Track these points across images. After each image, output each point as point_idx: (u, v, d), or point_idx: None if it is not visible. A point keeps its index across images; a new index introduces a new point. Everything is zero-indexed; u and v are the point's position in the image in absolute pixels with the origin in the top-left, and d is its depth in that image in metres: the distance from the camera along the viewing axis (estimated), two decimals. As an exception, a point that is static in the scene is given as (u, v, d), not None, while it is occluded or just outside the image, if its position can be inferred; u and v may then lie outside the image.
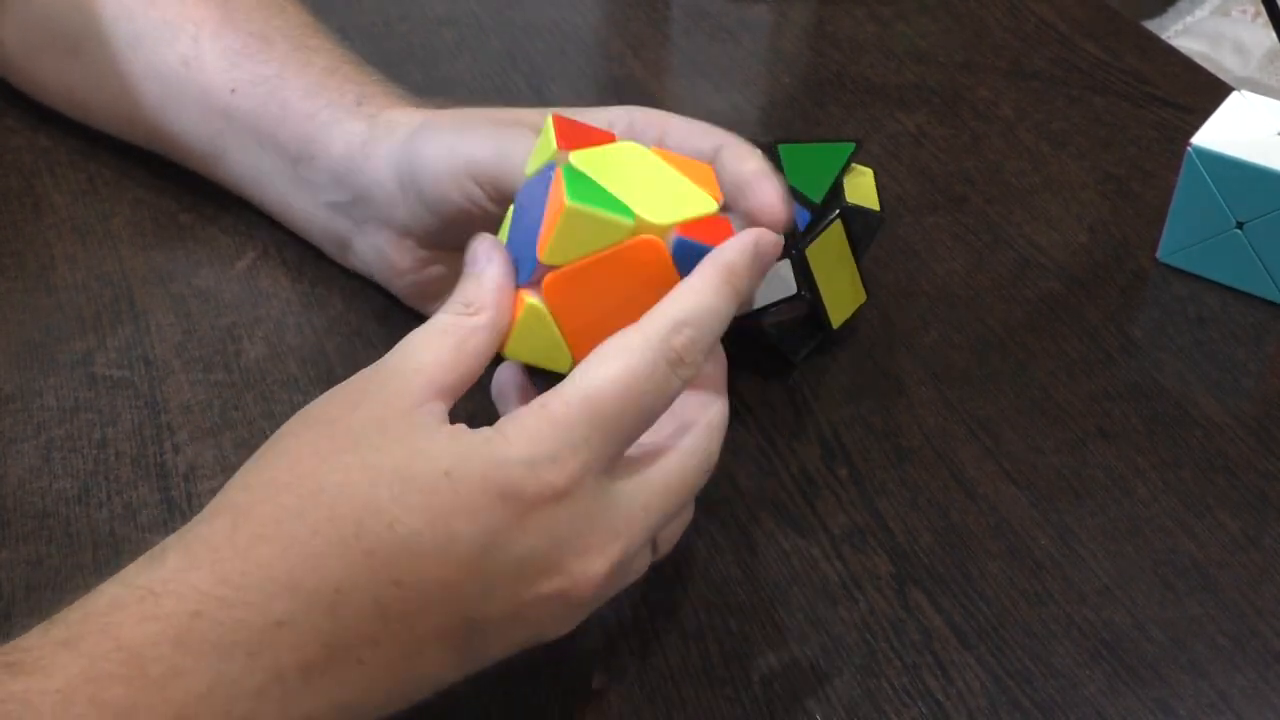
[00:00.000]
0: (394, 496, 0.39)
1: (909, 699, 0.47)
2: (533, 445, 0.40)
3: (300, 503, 0.39)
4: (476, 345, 0.43)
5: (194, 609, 0.37)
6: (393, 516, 0.39)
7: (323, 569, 0.38)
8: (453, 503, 0.39)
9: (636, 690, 0.47)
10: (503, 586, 0.40)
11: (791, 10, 0.85)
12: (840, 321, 0.59)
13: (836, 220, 0.57)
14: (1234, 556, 0.52)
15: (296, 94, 0.59)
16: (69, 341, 0.59)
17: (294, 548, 0.38)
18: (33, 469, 0.53)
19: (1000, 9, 0.85)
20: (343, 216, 0.59)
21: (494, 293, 0.44)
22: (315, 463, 0.40)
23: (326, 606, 0.38)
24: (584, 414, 0.40)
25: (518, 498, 0.39)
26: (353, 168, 0.56)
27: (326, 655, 0.38)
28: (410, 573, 0.39)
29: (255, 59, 0.60)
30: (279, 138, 0.59)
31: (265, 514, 0.39)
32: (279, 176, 0.60)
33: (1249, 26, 1.59)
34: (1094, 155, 0.73)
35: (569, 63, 0.79)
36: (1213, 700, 0.47)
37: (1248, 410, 0.58)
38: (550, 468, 0.40)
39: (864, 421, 0.57)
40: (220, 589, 0.37)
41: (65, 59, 0.66)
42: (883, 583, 0.51)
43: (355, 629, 0.38)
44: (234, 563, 0.38)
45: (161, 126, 0.64)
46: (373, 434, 0.40)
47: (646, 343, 0.42)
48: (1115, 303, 0.64)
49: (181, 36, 0.62)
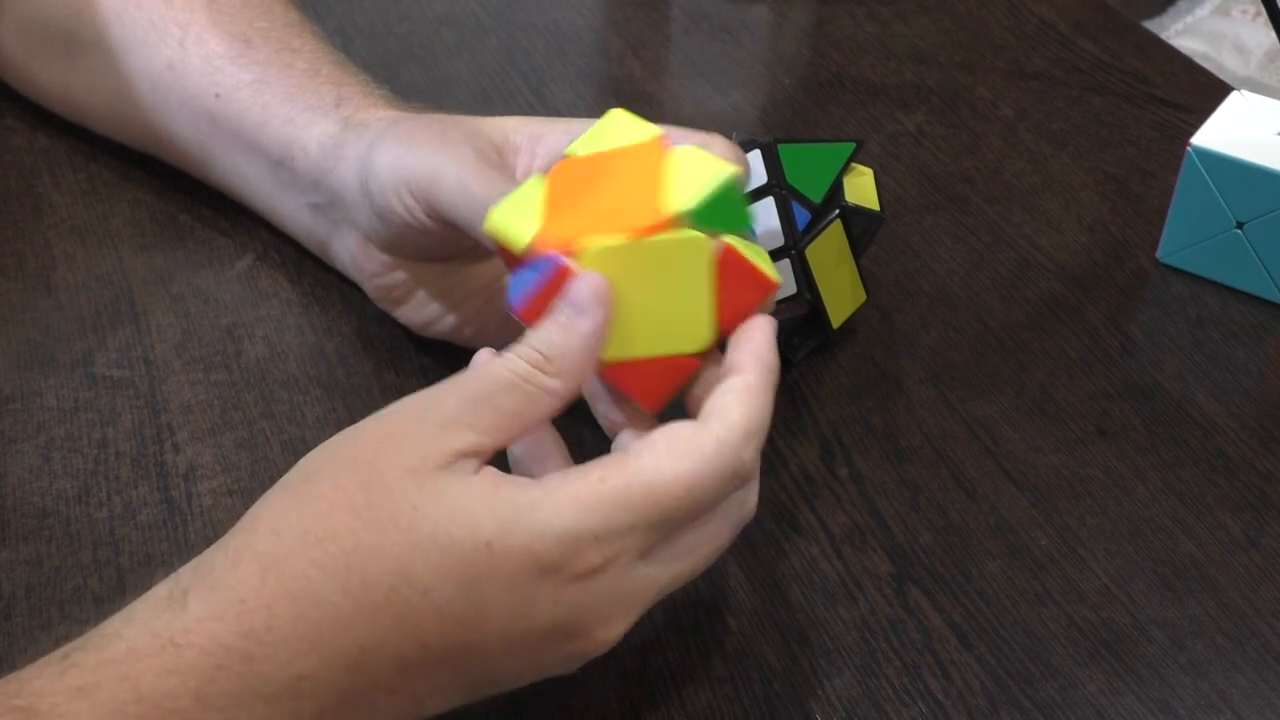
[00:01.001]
0: (430, 565, 0.38)
1: (909, 699, 0.47)
2: (580, 520, 0.39)
3: (333, 561, 0.38)
4: (539, 413, 0.41)
5: (217, 663, 0.36)
6: (427, 585, 0.38)
7: (351, 631, 0.37)
8: (490, 573, 0.38)
9: (636, 690, 0.47)
10: (526, 649, 0.40)
11: (791, 10, 0.85)
12: (840, 321, 0.59)
13: (836, 220, 0.57)
14: (1234, 556, 0.52)
15: (278, 98, 0.59)
16: (69, 341, 0.59)
17: (323, 608, 0.37)
18: (33, 469, 0.53)
19: (1000, 9, 0.85)
20: (322, 218, 0.59)
21: (580, 355, 0.41)
22: (350, 519, 0.38)
23: (350, 665, 0.38)
24: (641, 503, 0.39)
25: (556, 572, 0.39)
26: (326, 169, 0.56)
27: (342, 704, 0.38)
28: (438, 636, 0.38)
29: (238, 63, 0.60)
30: (261, 142, 0.59)
31: (295, 570, 0.38)
32: (264, 180, 0.60)
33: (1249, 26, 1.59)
34: (1094, 155, 0.73)
35: (569, 63, 0.79)
36: (1213, 700, 0.47)
37: (1248, 410, 0.58)
38: (593, 546, 0.39)
39: (864, 421, 0.57)
40: (244, 643, 0.37)
41: (60, 62, 0.66)
42: (882, 582, 0.51)
43: (375, 682, 0.38)
44: (260, 617, 0.37)
45: (153, 129, 0.64)
46: (411, 489, 0.39)
47: (721, 450, 0.40)
48: (1115, 303, 0.64)
49: (168, 40, 0.61)
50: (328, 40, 0.63)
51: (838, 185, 0.57)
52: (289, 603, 0.37)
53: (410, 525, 0.38)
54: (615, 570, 0.40)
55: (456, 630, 0.39)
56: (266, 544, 0.38)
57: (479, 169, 0.49)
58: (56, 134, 0.69)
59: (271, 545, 0.38)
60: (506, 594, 0.39)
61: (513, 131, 0.53)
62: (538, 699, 0.46)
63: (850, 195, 0.57)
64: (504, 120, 0.53)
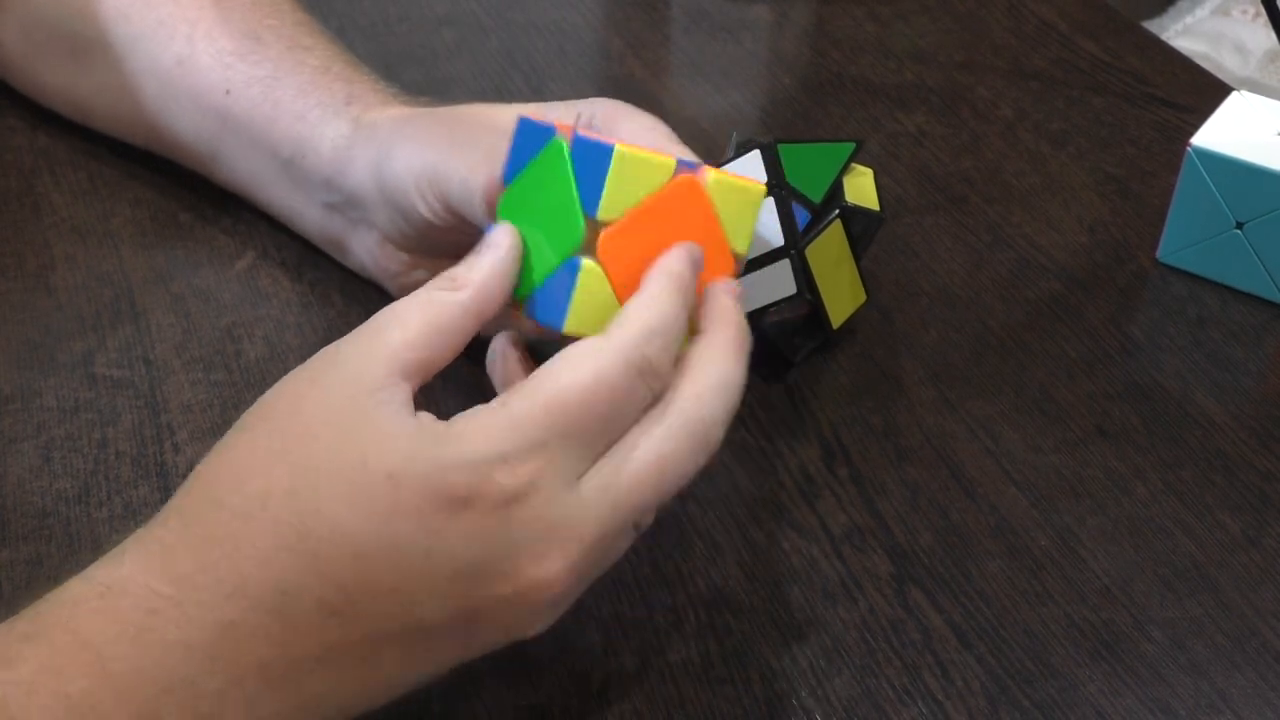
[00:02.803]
0: (337, 501, 0.38)
1: (909, 699, 0.47)
2: (484, 445, 0.38)
3: (248, 505, 0.38)
4: (451, 322, 0.41)
5: (150, 608, 0.37)
6: (336, 522, 0.38)
7: (268, 572, 0.38)
8: (395, 507, 0.38)
9: (636, 690, 0.47)
10: (452, 591, 0.39)
11: (791, 10, 0.85)
12: (840, 321, 0.59)
13: (836, 220, 0.57)
14: (1234, 556, 0.52)
15: (289, 94, 0.59)
16: (69, 341, 0.59)
17: (242, 550, 0.38)
18: (33, 469, 0.53)
19: (1000, 9, 0.85)
20: (338, 217, 0.59)
21: (483, 271, 0.42)
22: (267, 462, 0.39)
23: (274, 609, 0.38)
24: (545, 417, 0.39)
25: (463, 501, 0.38)
26: (338, 169, 0.56)
27: (283, 658, 0.38)
28: (354, 576, 0.38)
29: (249, 59, 0.60)
30: (272, 138, 0.59)
31: (215, 516, 0.39)
32: (275, 177, 0.60)
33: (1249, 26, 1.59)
34: (1094, 155, 0.73)
35: (569, 63, 0.79)
36: (1213, 700, 0.47)
37: (1248, 410, 0.58)
38: (501, 470, 0.38)
39: (864, 421, 0.57)
40: (173, 589, 0.37)
41: (65, 61, 0.66)
42: (883, 583, 0.51)
43: (305, 632, 0.38)
44: (186, 563, 0.38)
45: (160, 127, 0.64)
46: (322, 429, 0.39)
47: (618, 349, 0.40)
48: (1115, 303, 0.64)
49: (176, 37, 0.62)
50: (337, 39, 0.63)
51: (838, 185, 0.57)
52: (211, 547, 0.38)
53: (321, 463, 0.39)
54: (537, 498, 0.39)
55: (372, 570, 0.38)
56: (193, 496, 0.40)
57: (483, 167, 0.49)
58: (56, 134, 0.69)
59: (197, 496, 0.39)
60: (415, 528, 0.38)
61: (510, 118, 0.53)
62: (538, 699, 0.46)
63: (850, 195, 0.57)
64: (510, 108, 0.53)
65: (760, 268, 0.55)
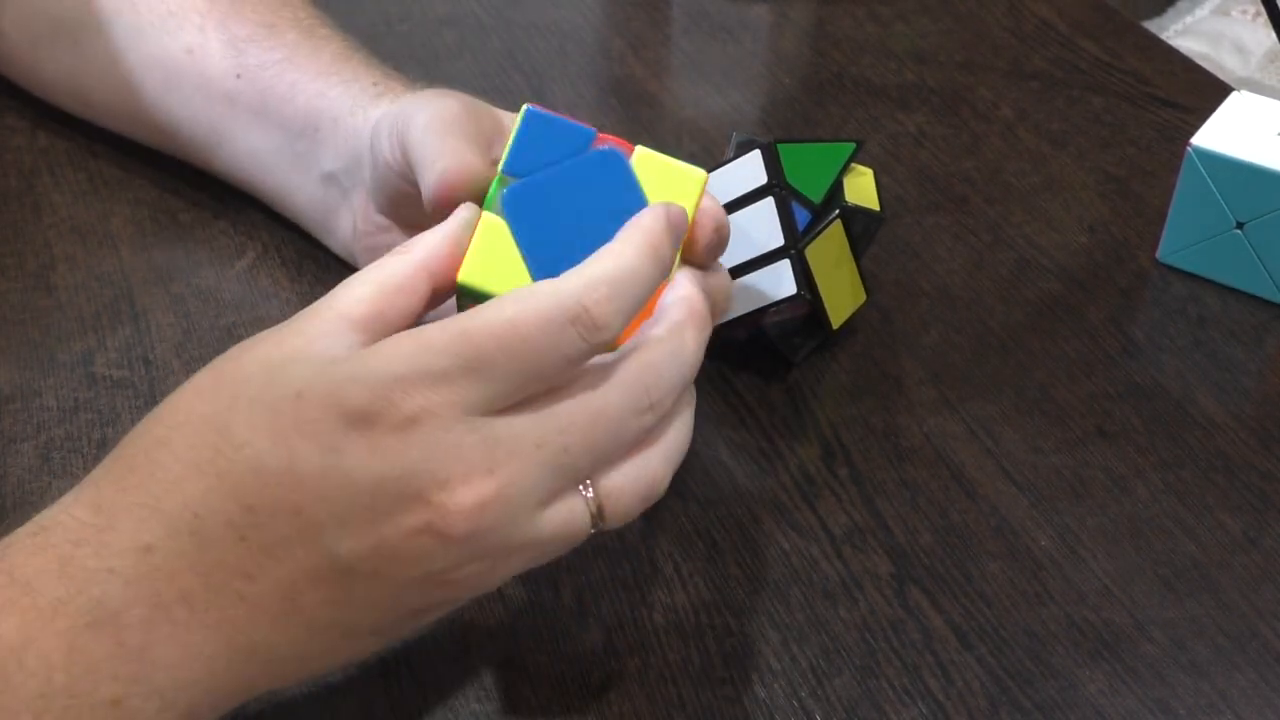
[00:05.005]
0: (245, 419, 0.38)
1: (909, 699, 0.47)
2: (386, 365, 0.38)
3: (170, 433, 0.39)
4: (399, 277, 0.42)
5: (75, 539, 0.38)
6: (242, 440, 0.38)
7: (181, 493, 0.38)
8: (295, 422, 0.38)
9: (636, 690, 0.47)
10: (355, 517, 0.38)
11: (791, 10, 0.85)
12: (840, 321, 0.59)
13: (836, 220, 0.57)
14: (1234, 556, 0.52)
15: (307, 75, 0.59)
16: (69, 341, 0.59)
17: (157, 473, 0.39)
18: (33, 469, 0.53)
19: (1000, 9, 0.85)
20: (334, 187, 0.59)
21: (435, 234, 0.43)
22: (192, 398, 0.40)
23: (188, 531, 0.38)
24: (452, 345, 0.38)
25: (360, 418, 0.38)
26: (353, 129, 0.57)
27: (204, 587, 0.38)
28: (258, 496, 0.38)
29: (263, 45, 0.61)
30: (285, 115, 0.59)
31: (137, 445, 0.40)
32: (279, 155, 0.61)
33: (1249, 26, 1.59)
34: (1094, 155, 0.73)
35: (569, 63, 0.79)
36: (1213, 700, 0.47)
37: (1248, 410, 0.58)
38: (398, 391, 0.38)
39: (864, 421, 0.57)
40: (95, 517, 0.38)
41: (67, 50, 0.66)
42: (883, 583, 0.51)
43: (221, 557, 0.38)
44: (108, 492, 0.39)
45: (161, 116, 0.64)
46: (256, 369, 0.40)
47: (553, 292, 0.39)
48: (1115, 303, 0.64)
49: (186, 27, 0.62)
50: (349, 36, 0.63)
51: (838, 185, 0.57)
52: (129, 473, 0.39)
53: (242, 391, 0.39)
54: (437, 422, 0.38)
55: (273, 488, 0.38)
56: (128, 435, 0.41)
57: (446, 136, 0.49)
58: (56, 134, 0.69)
59: (126, 439, 0.40)
60: (313, 445, 0.38)
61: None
62: (538, 699, 0.46)
63: (850, 195, 0.57)
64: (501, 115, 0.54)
65: (760, 268, 0.55)
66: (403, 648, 0.47)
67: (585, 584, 0.50)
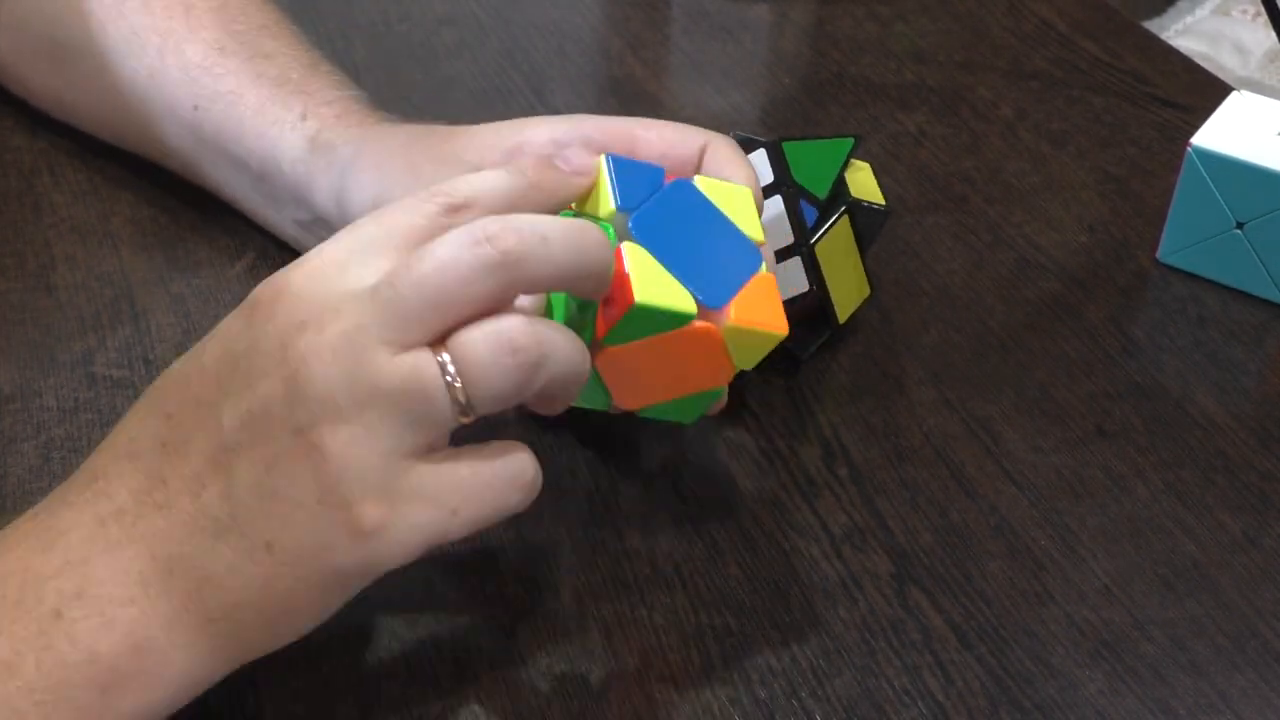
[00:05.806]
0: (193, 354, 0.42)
1: (909, 699, 0.47)
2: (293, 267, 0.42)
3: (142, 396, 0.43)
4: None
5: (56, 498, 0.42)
6: (181, 364, 0.43)
7: (128, 425, 0.42)
8: (217, 330, 0.42)
9: (636, 690, 0.47)
10: (236, 383, 0.40)
11: (791, 10, 0.85)
12: (846, 316, 0.59)
13: (844, 216, 0.57)
14: (1234, 556, 0.52)
15: (250, 111, 0.59)
16: (69, 341, 0.59)
17: (120, 420, 0.43)
18: (33, 469, 0.53)
19: (1000, 9, 0.85)
20: (309, 235, 0.59)
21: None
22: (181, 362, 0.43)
23: (126, 454, 0.41)
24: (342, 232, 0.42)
25: (250, 306, 0.41)
26: (304, 189, 0.57)
27: (133, 499, 0.41)
28: (177, 402, 0.42)
29: (212, 73, 0.60)
30: (241, 155, 0.59)
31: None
32: (252, 191, 0.61)
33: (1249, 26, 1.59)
34: (1094, 155, 0.73)
35: (569, 63, 0.79)
36: (1213, 700, 0.47)
37: (1248, 410, 0.58)
38: (280, 274, 0.42)
39: (864, 421, 0.57)
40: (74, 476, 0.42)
41: (52, 68, 0.66)
42: (883, 583, 0.51)
43: (148, 469, 0.41)
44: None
45: (144, 135, 0.64)
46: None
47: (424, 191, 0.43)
48: (1115, 303, 0.64)
49: (148, 49, 0.62)
50: (302, 40, 0.63)
51: (841, 180, 0.57)
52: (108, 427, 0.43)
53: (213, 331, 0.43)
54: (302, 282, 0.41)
55: (185, 385, 0.42)
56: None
57: None
58: (56, 134, 0.69)
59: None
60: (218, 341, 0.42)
61: (489, 150, 0.53)
62: (539, 699, 0.46)
63: (854, 190, 0.58)
64: (480, 135, 0.53)
65: None
66: (401, 645, 0.47)
67: (585, 584, 0.50)
